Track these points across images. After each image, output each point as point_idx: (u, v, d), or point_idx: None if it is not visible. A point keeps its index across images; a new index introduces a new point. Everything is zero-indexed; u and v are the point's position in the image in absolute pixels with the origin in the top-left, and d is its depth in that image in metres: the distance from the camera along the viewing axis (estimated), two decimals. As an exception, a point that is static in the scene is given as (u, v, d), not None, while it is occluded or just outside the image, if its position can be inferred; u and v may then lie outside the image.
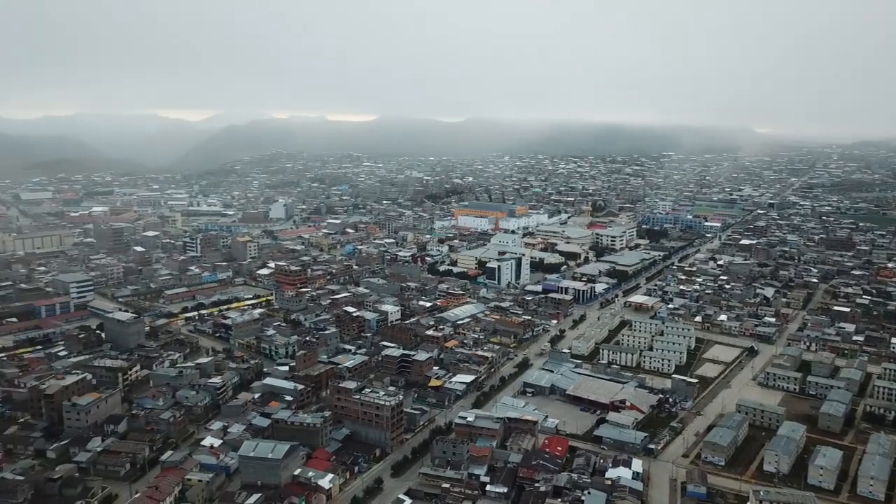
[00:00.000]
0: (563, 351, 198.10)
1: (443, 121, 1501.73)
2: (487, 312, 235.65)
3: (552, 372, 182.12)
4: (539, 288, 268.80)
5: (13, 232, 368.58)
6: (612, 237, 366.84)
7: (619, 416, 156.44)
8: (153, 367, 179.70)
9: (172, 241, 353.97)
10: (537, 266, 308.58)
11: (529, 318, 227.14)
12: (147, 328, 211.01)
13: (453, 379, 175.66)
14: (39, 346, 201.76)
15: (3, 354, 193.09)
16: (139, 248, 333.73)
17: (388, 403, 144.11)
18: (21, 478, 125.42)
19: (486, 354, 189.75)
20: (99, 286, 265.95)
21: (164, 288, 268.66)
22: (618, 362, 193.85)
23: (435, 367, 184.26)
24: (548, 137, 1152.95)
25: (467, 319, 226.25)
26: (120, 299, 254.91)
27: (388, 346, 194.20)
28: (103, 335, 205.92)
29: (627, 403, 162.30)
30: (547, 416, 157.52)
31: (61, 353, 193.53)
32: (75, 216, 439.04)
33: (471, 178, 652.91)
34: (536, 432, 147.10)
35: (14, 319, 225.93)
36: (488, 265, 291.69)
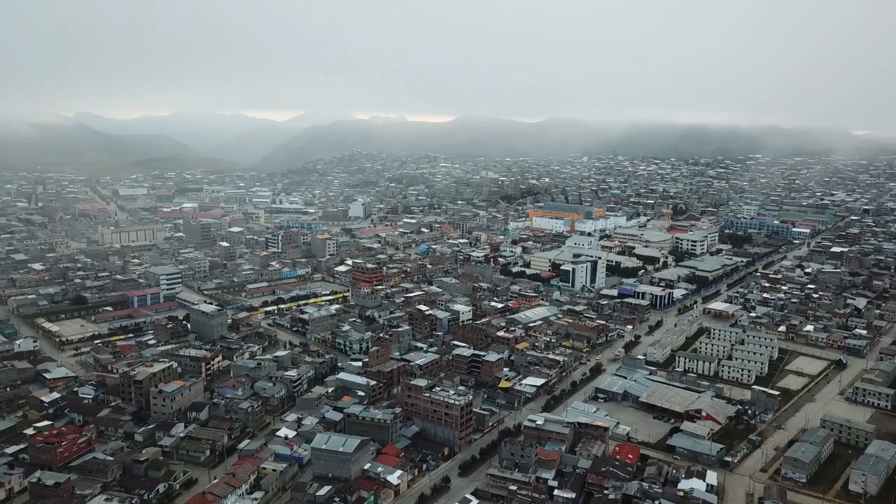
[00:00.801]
0: (638, 357, 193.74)
1: (521, 121, 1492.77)
2: (560, 315, 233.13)
3: (625, 378, 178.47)
4: (615, 292, 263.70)
5: (111, 226, 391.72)
6: (692, 241, 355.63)
7: (695, 426, 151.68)
8: (234, 359, 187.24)
9: (256, 238, 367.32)
10: (614, 270, 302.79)
11: (604, 322, 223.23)
12: (229, 320, 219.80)
13: (523, 381, 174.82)
14: (131, 335, 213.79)
15: (98, 341, 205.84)
16: (224, 244, 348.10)
17: (457, 402, 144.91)
18: (111, 458, 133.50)
19: (557, 358, 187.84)
20: (187, 279, 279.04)
21: (247, 282, 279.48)
22: (694, 371, 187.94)
23: (505, 369, 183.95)
24: (628, 138, 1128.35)
25: (539, 322, 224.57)
26: (205, 292, 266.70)
27: (458, 346, 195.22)
28: (189, 326, 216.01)
29: (703, 413, 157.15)
30: (618, 423, 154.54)
31: (150, 342, 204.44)
32: (167, 212, 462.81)
33: (547, 179, 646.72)
34: (607, 439, 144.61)
35: (109, 308, 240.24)
36: (562, 267, 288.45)
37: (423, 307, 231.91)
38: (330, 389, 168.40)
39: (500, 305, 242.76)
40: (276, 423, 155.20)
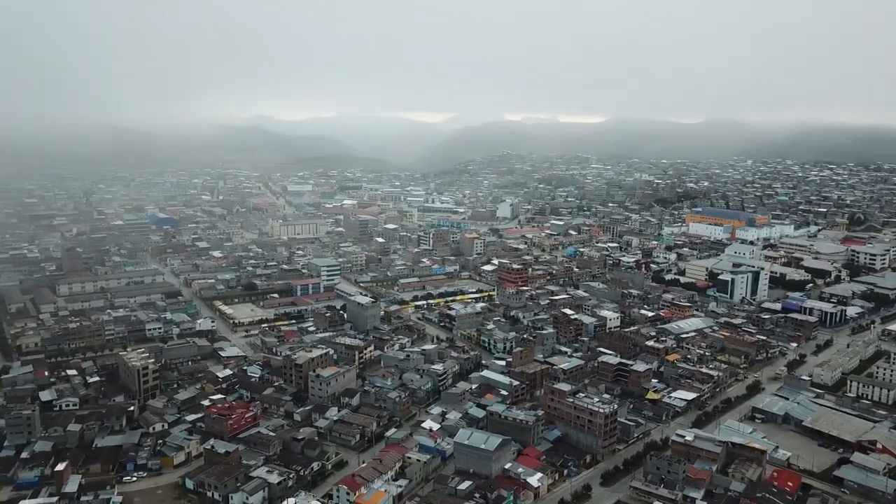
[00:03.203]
0: (803, 378, 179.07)
1: (679, 122, 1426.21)
2: (716, 328, 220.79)
3: (787, 399, 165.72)
4: (778, 306, 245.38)
5: (280, 219, 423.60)
6: (871, 255, 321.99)
7: (868, 458, 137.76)
8: (385, 349, 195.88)
9: (409, 235, 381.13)
10: (778, 282, 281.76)
11: (764, 338, 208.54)
12: (382, 313, 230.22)
13: (673, 394, 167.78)
14: (294, 321, 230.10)
15: (265, 325, 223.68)
16: (380, 239, 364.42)
17: (602, 410, 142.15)
18: (273, 434, 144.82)
19: (711, 372, 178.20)
20: (345, 271, 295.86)
21: (399, 277, 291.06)
22: (869, 397, 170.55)
23: (654, 380, 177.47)
24: (798, 140, 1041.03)
25: (692, 333, 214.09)
26: (361, 284, 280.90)
27: (604, 353, 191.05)
28: (345, 315, 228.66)
29: (879, 445, 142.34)
30: (777, 447, 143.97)
31: (310, 329, 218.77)
32: (329, 208, 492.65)
33: (706, 183, 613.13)
34: (764, 462, 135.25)
35: (276, 295, 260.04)
36: (720, 277, 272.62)
37: (568, 311, 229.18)
38: (474, 386, 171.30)
39: (650, 314, 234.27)
40: (421, 414, 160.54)
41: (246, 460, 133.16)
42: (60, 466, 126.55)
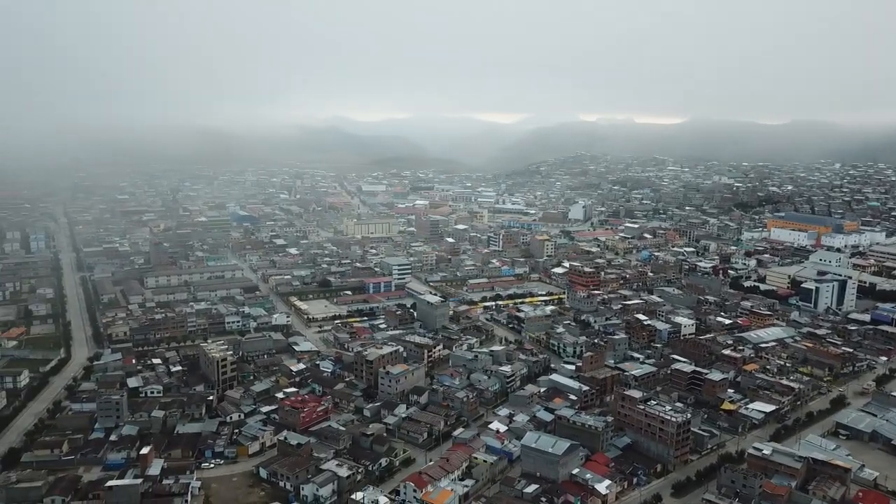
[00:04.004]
0: (892, 394, 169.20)
1: (762, 123, 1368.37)
2: (798, 338, 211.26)
3: (875, 416, 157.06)
4: (867, 317, 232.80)
5: (354, 218, 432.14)
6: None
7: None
8: (453, 349, 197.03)
9: (478, 235, 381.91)
10: (867, 292, 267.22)
11: (851, 350, 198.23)
12: (451, 312, 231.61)
13: (750, 405, 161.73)
14: (366, 318, 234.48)
15: (338, 321, 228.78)
16: (450, 240, 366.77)
17: (674, 419, 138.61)
18: (343, 428, 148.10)
19: (791, 384, 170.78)
20: (415, 270, 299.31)
21: (468, 277, 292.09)
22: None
23: (730, 390, 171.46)
24: (892, 143, 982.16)
25: (772, 343, 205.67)
26: (431, 283, 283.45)
27: (678, 360, 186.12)
28: (415, 314, 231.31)
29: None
30: (863, 466, 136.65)
31: (381, 326, 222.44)
32: (401, 207, 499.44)
33: (790, 187, 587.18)
34: (848, 481, 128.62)
35: (349, 292, 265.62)
36: (804, 285, 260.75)
37: (641, 316, 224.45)
38: (542, 389, 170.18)
39: (727, 322, 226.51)
40: (488, 415, 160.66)
41: (317, 453, 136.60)
42: (145, 450, 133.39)
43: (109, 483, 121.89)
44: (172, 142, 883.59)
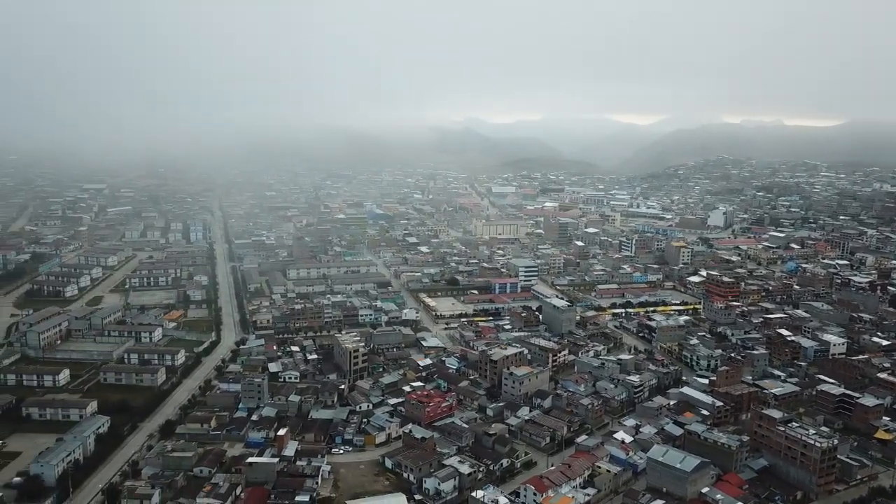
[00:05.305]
0: None
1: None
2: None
3: None
4: None
5: (483, 219, 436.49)
6: None
7: None
8: (579, 355, 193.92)
9: (609, 240, 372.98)
10: None
11: None
12: (578, 317, 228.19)
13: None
14: (491, 318, 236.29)
15: (464, 319, 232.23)
16: (579, 243, 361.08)
17: (818, 444, 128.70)
18: (466, 426, 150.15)
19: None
20: (542, 273, 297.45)
21: (597, 282, 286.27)
22: None
23: (885, 418, 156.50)
24: None
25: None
26: (557, 287, 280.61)
27: (825, 381, 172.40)
28: (540, 317, 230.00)
29: None
30: None
31: (506, 327, 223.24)
32: (530, 209, 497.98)
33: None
34: None
35: (475, 292, 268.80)
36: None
37: (784, 332, 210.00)
38: (672, 402, 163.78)
39: (885, 343, 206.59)
40: (613, 424, 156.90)
41: (440, 448, 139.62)
42: (282, 432, 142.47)
43: (250, 459, 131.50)
44: (318, 142, 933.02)
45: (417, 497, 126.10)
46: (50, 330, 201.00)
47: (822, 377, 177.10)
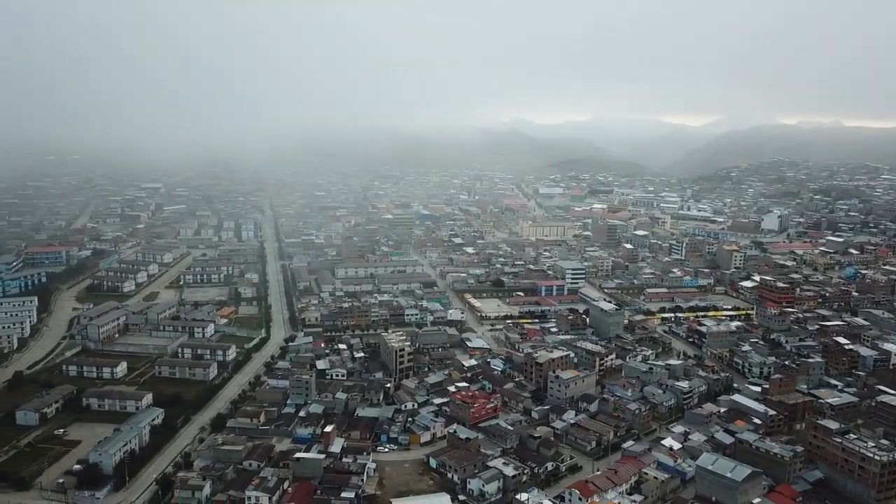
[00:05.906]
0: None
1: None
2: None
3: None
4: None
5: (530, 220, 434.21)
6: None
7: None
8: (626, 359, 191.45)
9: (659, 242, 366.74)
10: None
11: None
12: (626, 321, 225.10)
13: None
14: (537, 320, 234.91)
15: (510, 321, 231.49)
16: (628, 246, 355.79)
17: (878, 457, 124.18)
18: (510, 428, 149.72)
19: None
20: (590, 275, 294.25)
21: (646, 286, 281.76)
22: None
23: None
24: None
25: None
26: (605, 290, 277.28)
27: (885, 392, 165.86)
28: (587, 320, 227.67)
29: None
30: None
31: (552, 329, 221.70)
32: (578, 210, 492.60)
33: None
34: None
35: (521, 293, 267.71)
36: None
37: (842, 339, 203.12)
38: (722, 409, 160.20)
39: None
40: (661, 431, 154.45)
41: (484, 449, 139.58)
42: (328, 428, 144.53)
43: (297, 455, 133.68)
44: (367, 143, 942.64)
45: (461, 498, 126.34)
46: (109, 324, 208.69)
47: (882, 388, 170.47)
